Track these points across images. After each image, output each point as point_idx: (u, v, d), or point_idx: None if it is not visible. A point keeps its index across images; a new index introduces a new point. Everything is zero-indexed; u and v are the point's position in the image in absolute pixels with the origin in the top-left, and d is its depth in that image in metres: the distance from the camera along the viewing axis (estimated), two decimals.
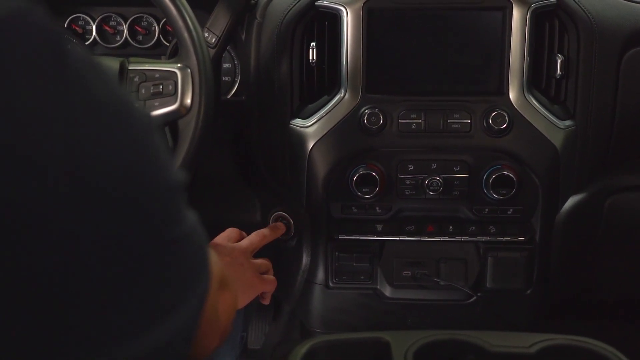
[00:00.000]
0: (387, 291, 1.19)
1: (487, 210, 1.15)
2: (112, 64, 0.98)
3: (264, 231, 1.14)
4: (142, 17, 1.34)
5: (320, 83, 1.15)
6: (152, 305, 0.39)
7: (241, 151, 1.32)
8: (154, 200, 0.39)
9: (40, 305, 0.33)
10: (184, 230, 0.42)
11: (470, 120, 1.11)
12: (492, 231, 1.16)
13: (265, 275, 1.07)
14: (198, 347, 0.48)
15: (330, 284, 1.21)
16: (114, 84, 0.39)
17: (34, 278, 0.32)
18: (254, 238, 1.10)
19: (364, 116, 1.10)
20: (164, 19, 1.32)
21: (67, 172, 0.33)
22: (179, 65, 0.96)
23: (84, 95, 0.35)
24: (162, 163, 0.41)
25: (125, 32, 1.34)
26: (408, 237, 1.17)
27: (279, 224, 1.20)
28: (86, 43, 1.34)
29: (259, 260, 1.08)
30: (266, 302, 1.11)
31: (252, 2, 1.16)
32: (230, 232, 1.09)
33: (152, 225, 0.38)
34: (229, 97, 1.32)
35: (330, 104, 1.12)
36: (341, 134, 1.12)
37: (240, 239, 1.09)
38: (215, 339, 0.55)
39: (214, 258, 0.52)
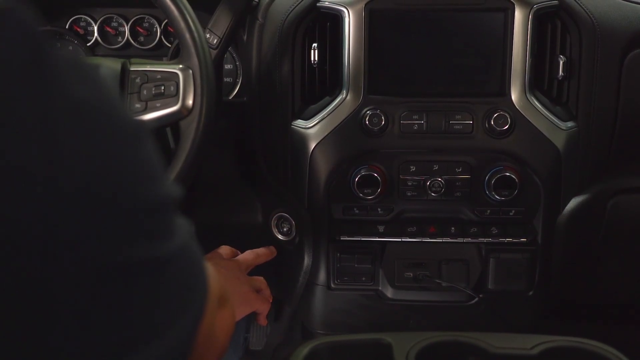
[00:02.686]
0: (389, 292, 1.19)
1: (489, 211, 1.15)
2: (114, 65, 0.98)
3: (257, 251, 1.13)
4: (144, 18, 1.35)
5: (321, 84, 1.15)
6: (141, 324, 0.37)
7: (242, 152, 1.32)
8: (140, 214, 0.36)
9: (22, 324, 0.32)
10: (174, 247, 0.39)
11: (472, 121, 1.11)
12: (494, 232, 1.16)
13: (260, 295, 1.06)
14: None
15: (332, 285, 1.21)
16: (99, 87, 0.37)
17: (16, 294, 0.31)
18: (248, 255, 1.09)
19: (366, 117, 1.10)
20: (166, 20, 1.32)
21: (45, 181, 0.32)
22: (180, 66, 0.96)
23: (64, 99, 0.34)
24: (150, 174, 0.38)
25: (127, 33, 1.34)
26: (410, 238, 1.17)
27: (271, 247, 1.19)
28: (88, 44, 1.34)
29: (254, 277, 1.07)
30: (263, 323, 1.09)
31: (254, 3, 1.16)
32: (223, 249, 1.08)
33: (138, 242, 0.36)
34: (230, 98, 1.32)
35: (332, 105, 1.12)
36: (343, 135, 1.12)
37: (233, 255, 1.08)
38: (212, 359, 0.52)
39: (212, 274, 0.49)
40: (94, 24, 1.34)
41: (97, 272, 0.34)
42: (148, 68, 0.98)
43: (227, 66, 1.32)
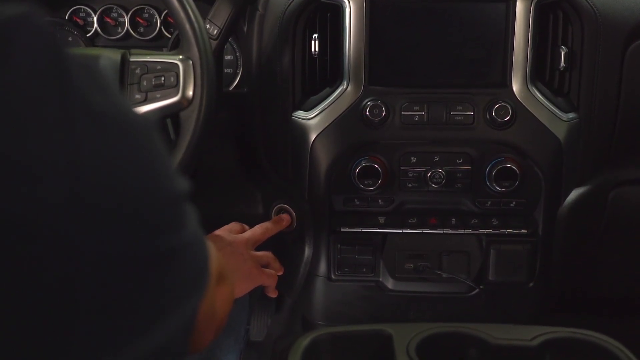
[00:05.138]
0: (390, 284, 1.19)
1: (489, 202, 1.15)
2: (114, 55, 0.98)
3: (266, 224, 1.14)
4: (144, 8, 1.34)
5: (322, 75, 1.15)
6: (151, 309, 0.39)
7: (243, 144, 1.32)
8: (154, 210, 0.38)
9: (40, 312, 0.33)
10: (184, 238, 0.42)
11: (473, 112, 1.10)
12: (494, 224, 1.16)
13: (266, 269, 1.07)
14: (194, 342, 0.48)
15: (333, 277, 1.21)
16: (113, 92, 0.38)
17: (32, 285, 0.32)
18: (257, 230, 1.11)
19: (367, 108, 1.10)
20: (166, 11, 1.32)
21: (67, 183, 0.33)
22: (180, 57, 0.96)
23: (84, 106, 0.35)
24: (163, 173, 0.41)
25: (127, 23, 1.33)
26: (410, 229, 1.17)
27: (283, 215, 1.20)
28: (87, 35, 1.33)
29: (260, 253, 1.08)
30: (272, 294, 1.11)
31: None
32: (232, 225, 1.09)
33: (152, 236, 0.38)
34: (230, 89, 1.32)
35: (333, 96, 1.12)
36: (343, 126, 1.12)
37: (242, 232, 1.09)
38: (211, 334, 0.55)
39: (212, 252, 0.53)
40: (93, 15, 1.33)
41: (118, 266, 0.35)
42: (148, 59, 0.98)
43: (228, 57, 1.32)
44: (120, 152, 0.36)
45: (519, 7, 1.08)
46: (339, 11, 1.11)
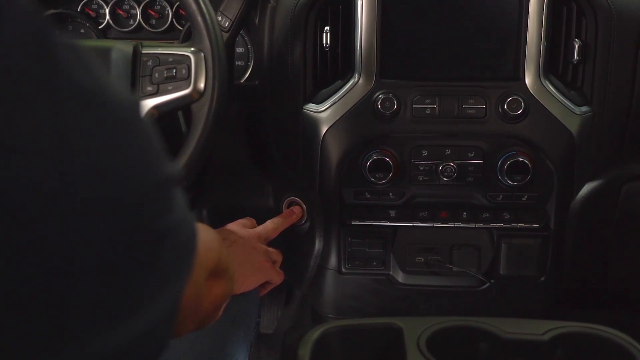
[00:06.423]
0: (400, 277, 1.19)
1: (501, 196, 1.14)
2: (126, 48, 0.98)
3: (277, 219, 1.15)
4: (156, 0, 1.34)
5: (333, 68, 1.14)
6: (138, 292, 0.39)
7: (254, 136, 1.32)
8: (143, 193, 0.38)
9: (31, 297, 0.32)
10: (172, 221, 0.41)
11: (485, 105, 1.10)
12: (506, 218, 1.16)
13: (276, 267, 1.07)
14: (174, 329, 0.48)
15: (343, 270, 1.21)
16: (101, 72, 0.38)
17: (23, 270, 0.32)
18: (268, 226, 1.11)
19: (378, 101, 1.10)
20: (177, 3, 1.32)
21: (56, 166, 0.32)
22: (192, 49, 0.96)
23: (72, 86, 0.34)
24: (152, 154, 0.40)
25: (139, 16, 1.34)
26: (421, 223, 1.17)
27: (294, 208, 1.21)
28: (100, 27, 1.34)
29: (272, 248, 1.08)
30: (262, 293, 1.11)
31: None
32: (244, 221, 1.10)
33: (139, 218, 0.38)
34: (242, 81, 1.32)
35: (344, 89, 1.12)
36: (354, 119, 1.11)
37: (253, 227, 1.10)
38: (193, 324, 0.55)
39: (209, 246, 0.53)
40: (105, 7, 1.34)
41: (107, 250, 0.35)
42: (160, 51, 0.98)
43: (239, 49, 1.32)
44: (109, 134, 0.36)
45: None
46: (350, 3, 1.10)
